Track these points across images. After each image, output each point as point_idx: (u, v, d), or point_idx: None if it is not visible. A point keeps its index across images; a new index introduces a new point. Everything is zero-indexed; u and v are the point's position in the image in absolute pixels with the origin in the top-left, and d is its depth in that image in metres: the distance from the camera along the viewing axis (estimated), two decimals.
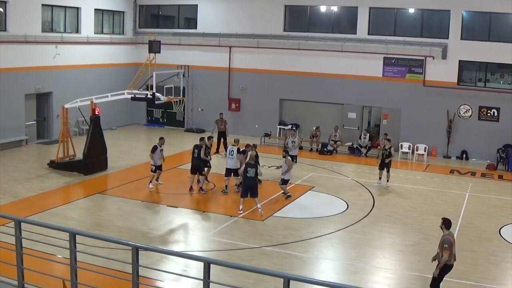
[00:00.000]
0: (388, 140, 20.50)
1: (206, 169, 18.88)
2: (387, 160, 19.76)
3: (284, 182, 17.86)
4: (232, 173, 18.30)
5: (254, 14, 28.39)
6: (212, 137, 19.86)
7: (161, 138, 18.85)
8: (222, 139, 24.56)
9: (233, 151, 18.38)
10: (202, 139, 18.85)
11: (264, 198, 17.52)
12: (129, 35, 30.91)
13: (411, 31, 25.81)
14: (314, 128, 26.03)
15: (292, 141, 21.31)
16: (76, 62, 26.94)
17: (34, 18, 24.61)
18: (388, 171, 19.89)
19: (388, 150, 19.81)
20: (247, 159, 19.01)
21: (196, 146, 18.60)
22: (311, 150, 25.94)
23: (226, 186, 18.34)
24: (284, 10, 28.02)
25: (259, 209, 16.01)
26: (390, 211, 17.12)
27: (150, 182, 18.54)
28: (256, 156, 19.14)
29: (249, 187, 16.13)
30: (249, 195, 16.11)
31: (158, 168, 18.67)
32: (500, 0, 23.60)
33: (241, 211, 16.01)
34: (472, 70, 25.54)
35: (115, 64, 29.34)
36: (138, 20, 31.29)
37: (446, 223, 10.56)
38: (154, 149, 18.48)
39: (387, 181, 19.90)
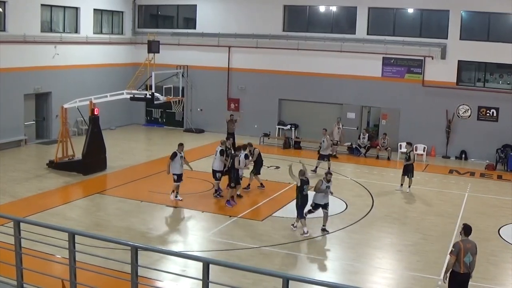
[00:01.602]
0: (409, 144, 19.87)
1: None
2: (406, 163, 19.20)
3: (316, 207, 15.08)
4: (213, 175, 17.73)
5: (253, 14, 28.39)
6: (230, 139, 19.49)
7: (181, 144, 17.17)
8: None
9: (216, 151, 17.80)
10: (239, 148, 17.76)
11: (263, 198, 17.53)
12: (128, 35, 30.90)
13: (410, 31, 25.83)
14: (336, 122, 25.31)
15: (322, 140, 21.41)
16: (75, 62, 26.93)
17: (33, 18, 24.61)
18: (410, 177, 19.24)
19: (408, 154, 19.30)
20: (252, 158, 18.68)
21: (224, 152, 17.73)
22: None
23: (214, 186, 17.94)
24: (283, 10, 28.03)
25: (305, 232, 14.55)
26: (389, 211, 17.12)
27: (174, 192, 17.11)
28: (259, 155, 18.71)
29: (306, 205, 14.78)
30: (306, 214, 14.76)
31: (180, 178, 17.09)
32: (499, 0, 23.62)
33: (307, 233, 14.47)
34: (471, 70, 25.56)
35: (114, 64, 29.34)
36: (137, 20, 31.28)
37: (465, 230, 10.20)
38: (173, 156, 16.84)
39: (409, 186, 19.35)
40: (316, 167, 21.42)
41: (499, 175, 22.59)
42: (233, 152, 18.02)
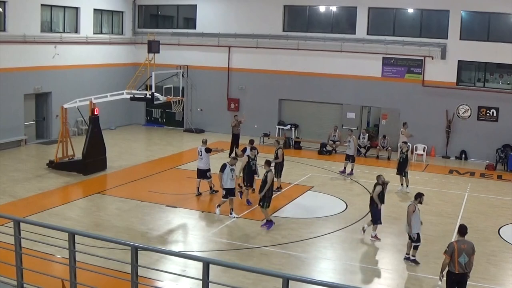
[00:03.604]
0: (405, 143, 19.85)
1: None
2: (400, 158, 19.33)
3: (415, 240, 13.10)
4: (203, 174, 17.73)
5: (253, 14, 28.40)
6: (256, 148, 17.87)
7: (234, 158, 16.30)
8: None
9: (201, 151, 17.74)
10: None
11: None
12: (128, 35, 30.90)
13: (410, 31, 25.84)
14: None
15: (348, 141, 21.61)
16: (75, 62, 26.94)
17: (33, 18, 24.61)
18: (405, 175, 19.36)
19: (406, 153, 19.30)
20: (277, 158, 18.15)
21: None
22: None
23: (198, 188, 17.84)
24: (283, 10, 28.03)
25: (376, 238, 14.43)
26: (389, 211, 17.09)
27: (221, 208, 15.95)
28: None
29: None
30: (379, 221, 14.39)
31: (230, 193, 15.82)
32: (499, 0, 23.62)
33: (379, 239, 14.42)
34: (471, 70, 25.57)
35: (114, 64, 29.34)
36: (137, 20, 31.29)
37: (460, 230, 10.29)
38: (223, 167, 15.72)
39: (407, 186, 19.45)
40: (344, 167, 21.63)
41: (499, 175, 22.59)
42: (253, 161, 16.99)
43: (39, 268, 8.87)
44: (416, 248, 12.98)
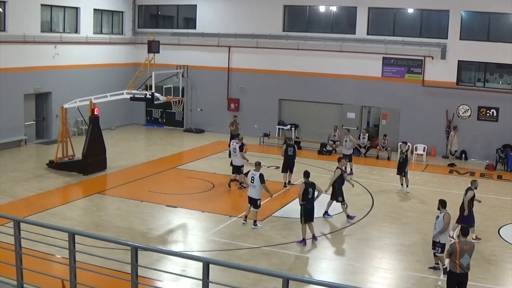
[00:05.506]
0: (404, 143, 19.86)
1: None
2: (400, 158, 19.29)
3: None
4: (237, 170, 18.87)
5: (253, 14, 28.39)
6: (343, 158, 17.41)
7: (258, 164, 15.71)
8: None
9: (235, 148, 18.74)
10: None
11: (263, 198, 17.50)
12: (128, 35, 30.90)
13: (410, 31, 25.83)
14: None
15: (345, 140, 21.63)
16: (75, 62, 26.93)
17: (33, 18, 24.60)
18: (405, 175, 19.31)
19: (405, 153, 19.28)
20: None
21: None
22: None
23: (240, 182, 18.87)
24: (283, 10, 28.02)
25: (477, 239, 14.22)
26: (389, 211, 17.12)
27: (256, 221, 15.17)
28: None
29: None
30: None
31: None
32: (499, 0, 23.62)
33: (480, 238, 14.36)
34: (471, 70, 25.56)
35: (114, 64, 29.34)
36: (137, 20, 31.28)
37: (462, 231, 10.35)
38: (263, 178, 15.19)
39: (407, 186, 19.41)
40: (345, 168, 21.47)
41: (499, 175, 22.58)
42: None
43: (39, 268, 8.86)
44: (434, 255, 12.63)
